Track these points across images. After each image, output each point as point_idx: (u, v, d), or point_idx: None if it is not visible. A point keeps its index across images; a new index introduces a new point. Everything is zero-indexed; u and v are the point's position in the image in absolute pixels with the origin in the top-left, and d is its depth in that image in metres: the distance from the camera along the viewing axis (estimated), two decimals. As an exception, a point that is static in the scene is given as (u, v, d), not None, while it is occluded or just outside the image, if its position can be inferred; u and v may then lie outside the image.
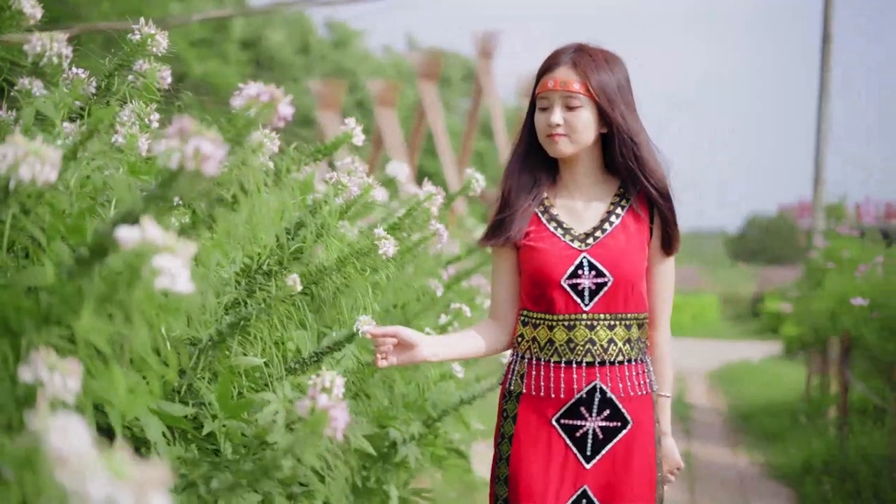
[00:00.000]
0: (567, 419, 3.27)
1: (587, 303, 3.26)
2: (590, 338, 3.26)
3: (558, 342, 3.28)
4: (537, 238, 3.34)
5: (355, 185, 3.69)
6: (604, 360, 3.25)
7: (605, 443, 3.26)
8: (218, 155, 1.85)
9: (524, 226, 3.34)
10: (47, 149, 1.84)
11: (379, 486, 4.74)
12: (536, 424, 3.30)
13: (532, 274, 3.31)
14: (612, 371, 3.26)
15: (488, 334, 3.42)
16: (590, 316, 3.26)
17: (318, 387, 2.35)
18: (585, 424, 3.26)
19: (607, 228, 3.31)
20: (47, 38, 2.81)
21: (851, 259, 9.43)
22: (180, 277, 1.64)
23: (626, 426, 3.27)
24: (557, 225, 3.35)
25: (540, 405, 3.30)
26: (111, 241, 1.87)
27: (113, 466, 1.11)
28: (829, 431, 9.52)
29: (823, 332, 10.20)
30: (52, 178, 1.86)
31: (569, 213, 3.37)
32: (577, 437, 3.27)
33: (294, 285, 3.21)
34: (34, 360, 1.65)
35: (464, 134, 32.16)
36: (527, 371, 3.34)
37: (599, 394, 3.25)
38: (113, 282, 1.67)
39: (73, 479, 1.09)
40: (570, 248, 3.29)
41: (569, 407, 3.27)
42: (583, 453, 3.26)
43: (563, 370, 3.27)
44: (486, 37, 32.95)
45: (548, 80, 3.29)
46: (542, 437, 3.29)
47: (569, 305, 3.27)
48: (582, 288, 3.26)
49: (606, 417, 3.26)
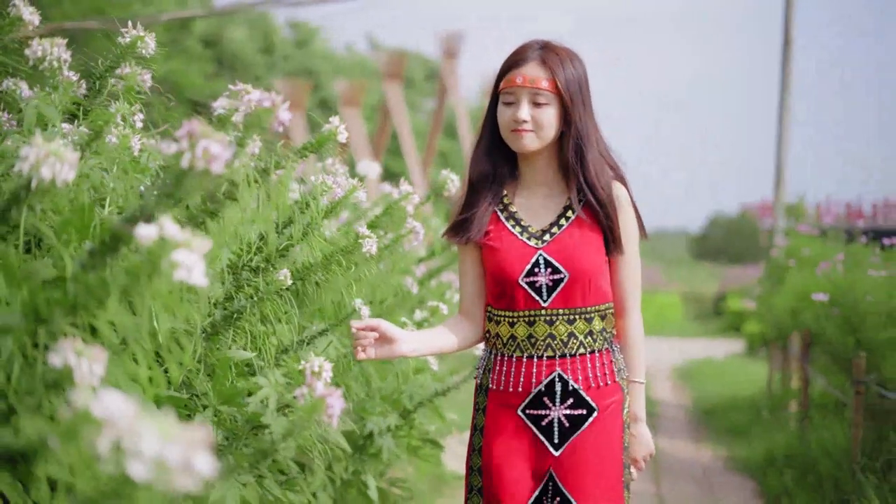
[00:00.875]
0: (532, 409, 3.31)
1: (545, 299, 3.29)
2: (550, 332, 3.29)
3: (520, 337, 3.32)
4: (496, 237, 3.37)
5: (340, 185, 3.83)
6: (564, 353, 3.29)
7: (573, 430, 3.29)
8: (225, 155, 1.99)
9: (484, 225, 3.37)
10: (66, 150, 1.98)
11: (356, 477, 4.87)
12: (504, 416, 3.34)
13: (493, 273, 3.36)
14: (573, 362, 3.30)
15: (459, 330, 3.45)
16: (549, 311, 3.29)
17: (311, 371, 2.50)
18: (550, 413, 3.29)
19: (563, 224, 3.33)
20: (48, 43, 2.94)
21: (812, 257, 9.64)
22: (196, 270, 1.77)
23: (593, 413, 3.29)
24: (515, 223, 3.38)
25: (506, 398, 3.34)
26: (125, 236, 2.01)
27: (162, 429, 1.25)
28: (791, 425, 9.69)
29: (785, 329, 10.40)
30: (70, 178, 1.99)
31: (527, 210, 3.40)
32: (543, 426, 3.30)
33: (284, 280, 3.35)
34: (62, 347, 1.78)
35: (428, 134, 32.26)
36: (493, 366, 3.39)
37: (561, 383, 3.29)
38: (135, 274, 1.80)
39: (129, 440, 1.23)
40: (526, 246, 3.33)
41: (532, 398, 3.31)
42: (550, 441, 3.29)
43: (524, 364, 3.32)
44: (451, 37, 33.03)
45: (515, 76, 3.28)
46: (511, 428, 3.33)
47: (528, 302, 3.30)
48: (539, 285, 3.29)
49: (570, 406, 3.29)
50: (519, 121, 3.26)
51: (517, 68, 3.29)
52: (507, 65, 3.33)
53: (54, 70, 2.98)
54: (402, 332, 3.29)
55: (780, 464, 8.26)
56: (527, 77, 3.27)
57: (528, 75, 3.27)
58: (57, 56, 2.94)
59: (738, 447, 9.68)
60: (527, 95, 3.27)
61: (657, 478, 8.58)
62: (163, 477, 1.23)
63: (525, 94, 3.27)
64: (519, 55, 3.32)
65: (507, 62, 3.33)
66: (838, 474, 7.20)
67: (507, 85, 3.30)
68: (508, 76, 3.30)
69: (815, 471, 7.58)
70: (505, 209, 3.41)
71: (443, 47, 31.77)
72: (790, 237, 11.18)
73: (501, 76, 3.34)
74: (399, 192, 5.03)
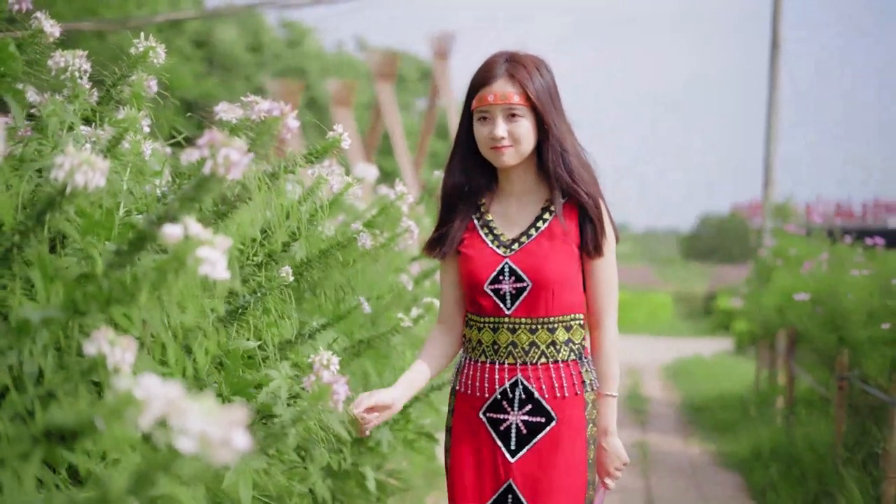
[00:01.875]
0: (492, 413, 3.33)
1: (509, 307, 3.31)
2: (512, 340, 3.31)
3: (485, 343, 3.36)
4: (469, 245, 3.40)
5: (336, 183, 4.01)
6: (525, 362, 3.30)
7: (531, 437, 3.28)
8: (243, 162, 2.17)
9: (457, 240, 3.42)
10: (97, 158, 2.15)
11: (355, 469, 5.04)
12: (468, 418, 3.38)
13: (464, 279, 3.41)
14: (534, 370, 3.29)
15: (439, 347, 3.51)
16: (511, 319, 3.31)
17: (320, 363, 2.69)
18: (508, 418, 3.30)
19: (532, 234, 3.35)
20: (70, 55, 3.11)
21: (798, 256, 9.84)
22: (219, 265, 1.94)
23: (552, 422, 3.28)
24: (489, 231, 3.40)
25: (471, 401, 3.38)
26: (150, 235, 2.19)
27: (205, 408, 1.42)
28: (777, 421, 9.88)
29: (772, 327, 10.59)
30: (101, 184, 2.16)
31: (502, 220, 3.42)
32: (501, 431, 3.31)
33: (286, 276, 3.52)
34: (97, 337, 1.96)
35: (420, 134, 32.46)
36: (462, 369, 3.45)
37: (521, 389, 3.29)
38: (163, 270, 1.97)
39: (176, 418, 1.40)
40: (495, 254, 3.35)
41: (492, 402, 3.32)
42: (507, 447, 3.29)
43: (487, 368, 3.35)
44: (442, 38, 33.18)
45: (486, 94, 3.29)
46: (473, 431, 3.36)
47: (494, 309, 3.33)
48: (503, 293, 3.31)
49: (529, 412, 3.29)
50: (497, 138, 3.28)
51: (487, 86, 3.30)
52: (477, 83, 3.34)
53: (74, 79, 3.14)
54: (393, 393, 3.32)
55: (765, 458, 8.44)
56: (497, 94, 3.28)
57: (498, 92, 3.28)
58: (78, 66, 3.11)
59: (726, 443, 9.86)
60: (500, 112, 3.29)
61: (646, 472, 8.77)
62: (206, 450, 1.40)
63: (498, 110, 3.29)
64: (487, 72, 3.33)
65: (476, 80, 3.35)
66: (821, 467, 7.39)
67: (479, 104, 3.32)
68: (480, 94, 3.32)
69: (799, 464, 7.78)
70: (481, 217, 3.44)
71: (434, 48, 31.94)
72: (777, 237, 11.37)
73: (472, 94, 3.36)
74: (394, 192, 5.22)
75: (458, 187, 3.44)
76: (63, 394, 1.98)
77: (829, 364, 8.21)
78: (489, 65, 3.34)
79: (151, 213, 2.36)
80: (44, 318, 1.99)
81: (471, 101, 3.38)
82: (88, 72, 3.13)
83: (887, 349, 6.50)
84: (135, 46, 3.49)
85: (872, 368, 6.67)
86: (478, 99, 3.32)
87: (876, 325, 6.72)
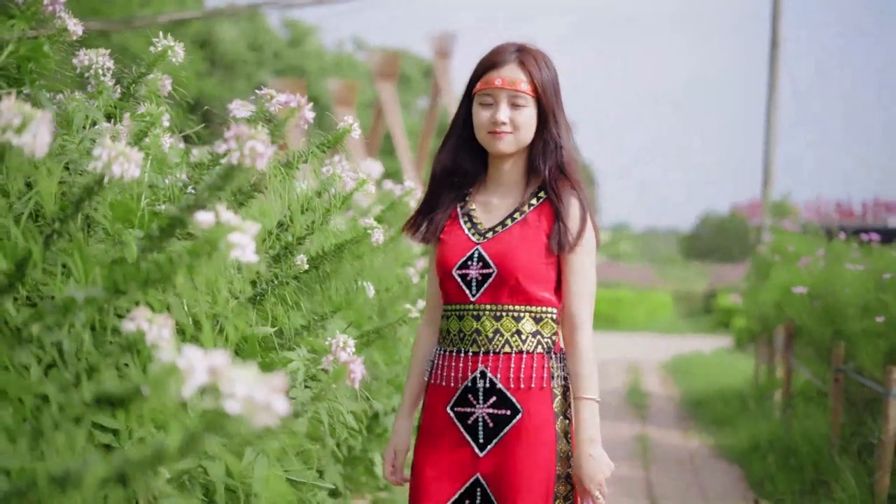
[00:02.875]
0: (459, 407, 3.28)
1: (474, 293, 3.28)
2: (476, 328, 3.27)
3: (452, 332, 3.33)
4: (448, 232, 3.38)
5: (350, 178, 4.18)
6: (489, 350, 3.25)
7: (498, 431, 3.23)
8: (268, 153, 2.32)
9: (441, 228, 3.40)
10: (132, 150, 2.30)
11: (364, 455, 5.20)
12: (436, 413, 3.33)
13: (436, 264, 3.39)
14: (496, 360, 3.24)
15: (429, 347, 3.50)
16: (476, 306, 3.27)
17: (338, 345, 2.86)
18: (475, 412, 3.26)
19: (508, 224, 3.32)
20: (94, 53, 3.26)
21: (796, 252, 10.00)
22: (248, 249, 2.09)
23: (517, 414, 3.22)
24: (468, 219, 3.38)
25: (440, 394, 3.33)
26: (181, 222, 2.35)
27: (250, 376, 1.57)
28: (775, 414, 10.05)
29: (770, 322, 10.75)
30: (136, 175, 2.31)
31: (483, 208, 3.39)
32: (469, 425, 3.27)
33: (301, 265, 3.67)
34: (136, 315, 2.11)
35: (421, 134, 32.61)
36: (435, 360, 3.40)
37: (484, 381, 3.25)
38: (196, 254, 2.13)
39: (225, 384, 1.55)
40: (468, 241, 3.32)
41: (459, 395, 3.28)
42: (476, 441, 3.25)
43: (454, 359, 3.31)
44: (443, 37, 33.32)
45: (494, 78, 3.27)
46: (440, 425, 3.30)
47: (459, 295, 3.30)
48: (470, 278, 3.28)
49: (493, 405, 3.24)
50: (498, 122, 3.26)
51: (495, 70, 3.28)
52: (484, 66, 3.32)
53: (98, 76, 3.29)
54: (405, 436, 3.47)
55: (763, 450, 8.60)
56: (506, 79, 3.26)
57: (507, 77, 3.26)
58: (101, 64, 3.26)
59: (725, 436, 10.02)
60: (505, 97, 3.27)
61: (646, 464, 8.93)
62: (250, 413, 1.55)
63: (504, 95, 3.27)
64: (496, 57, 3.30)
65: (484, 64, 3.32)
66: (818, 458, 7.57)
67: (484, 86, 3.29)
68: (486, 77, 3.30)
69: (796, 455, 7.94)
70: (464, 206, 3.42)
71: (435, 48, 32.07)
72: (775, 234, 11.54)
73: (477, 77, 3.34)
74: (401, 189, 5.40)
75: (447, 171, 3.43)
76: (105, 367, 2.14)
77: (826, 357, 8.37)
78: (499, 50, 3.32)
79: (179, 202, 2.51)
80: (87, 298, 2.14)
81: (473, 85, 3.36)
82: (111, 69, 3.28)
83: (881, 341, 6.66)
84: (154, 45, 3.64)
85: (867, 360, 6.84)
86: (483, 82, 3.30)
87: (870, 318, 6.88)
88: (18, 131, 2.01)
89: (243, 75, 43.52)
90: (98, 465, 1.58)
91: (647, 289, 34.98)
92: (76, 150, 2.96)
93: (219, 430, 1.56)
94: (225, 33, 43.33)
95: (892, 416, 6.08)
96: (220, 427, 1.55)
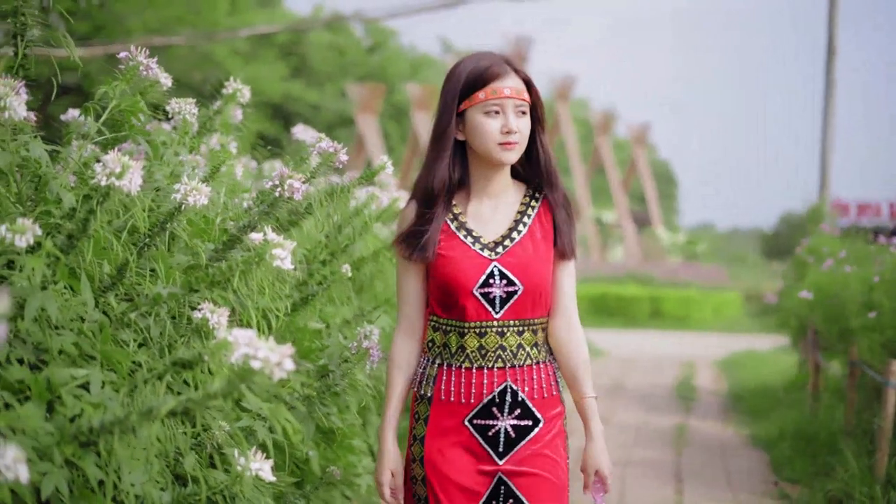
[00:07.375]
0: (479, 419, 3.29)
1: (498, 311, 3.27)
2: (500, 344, 3.28)
3: (469, 349, 3.29)
4: (448, 247, 3.31)
5: (386, 196, 5.07)
6: (514, 364, 3.28)
7: (518, 440, 3.28)
8: (303, 188, 3.17)
9: (436, 239, 3.32)
10: (202, 185, 3.15)
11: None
12: (448, 426, 3.31)
13: (443, 283, 3.30)
14: (521, 373, 3.29)
15: (414, 356, 3.45)
16: (500, 323, 3.27)
17: (363, 334, 3.72)
18: (497, 424, 3.27)
19: (515, 237, 3.32)
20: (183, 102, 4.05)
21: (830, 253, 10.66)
22: (287, 261, 2.93)
23: (538, 424, 3.30)
24: (467, 233, 3.33)
25: (452, 408, 3.31)
26: (239, 239, 3.20)
27: (268, 345, 2.39)
28: (805, 406, 10.72)
29: (804, 320, 11.39)
30: (205, 203, 3.16)
31: (476, 220, 3.36)
32: (489, 436, 3.29)
33: (346, 273, 4.50)
34: (203, 307, 2.97)
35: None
36: (437, 375, 3.35)
37: (510, 395, 3.28)
38: (248, 262, 2.97)
39: (252, 350, 2.37)
40: (480, 256, 3.29)
41: (481, 408, 3.28)
42: (495, 450, 3.28)
43: (474, 374, 3.29)
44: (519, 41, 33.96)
45: (502, 88, 3.24)
46: (454, 438, 3.30)
47: (480, 313, 3.27)
48: (493, 297, 3.26)
49: (518, 416, 3.28)
50: (513, 131, 3.23)
51: (500, 80, 3.25)
52: (487, 76, 3.25)
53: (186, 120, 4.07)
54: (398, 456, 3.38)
55: (789, 438, 9.28)
56: (513, 89, 3.25)
57: (513, 87, 3.26)
58: (188, 111, 4.06)
59: (759, 426, 10.69)
60: (512, 107, 3.25)
61: (679, 449, 9.69)
62: (269, 369, 2.36)
63: (511, 105, 3.25)
64: (496, 67, 3.27)
65: (485, 74, 3.26)
66: (832, 444, 8.27)
67: (492, 96, 3.24)
68: (493, 87, 3.25)
69: (815, 442, 8.66)
70: (455, 219, 3.36)
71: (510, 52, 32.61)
72: (812, 236, 12.16)
73: (477, 87, 3.27)
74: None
75: (444, 184, 3.34)
76: (180, 344, 3.03)
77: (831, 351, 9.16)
78: (494, 61, 3.29)
79: (240, 222, 3.34)
80: (169, 294, 3.01)
81: (467, 95, 3.29)
82: (196, 114, 4.07)
83: (875, 335, 7.36)
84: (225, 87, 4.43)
85: (865, 353, 7.55)
86: (489, 91, 3.25)
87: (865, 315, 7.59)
88: (119, 176, 2.81)
89: (325, 78, 44.56)
90: (170, 401, 2.42)
91: (716, 288, 35.19)
92: (165, 178, 3.72)
93: (247, 379, 2.37)
94: (312, 39, 44.28)
95: (891, 403, 6.79)
96: (248, 377, 2.36)
